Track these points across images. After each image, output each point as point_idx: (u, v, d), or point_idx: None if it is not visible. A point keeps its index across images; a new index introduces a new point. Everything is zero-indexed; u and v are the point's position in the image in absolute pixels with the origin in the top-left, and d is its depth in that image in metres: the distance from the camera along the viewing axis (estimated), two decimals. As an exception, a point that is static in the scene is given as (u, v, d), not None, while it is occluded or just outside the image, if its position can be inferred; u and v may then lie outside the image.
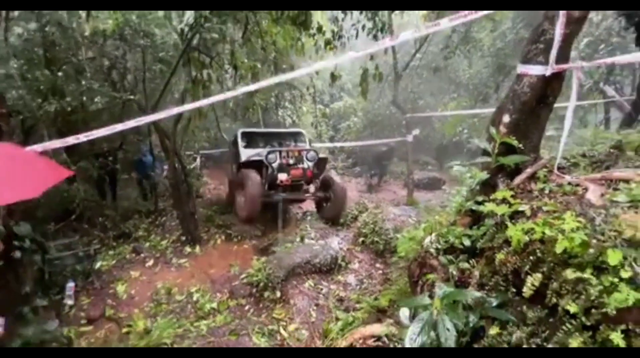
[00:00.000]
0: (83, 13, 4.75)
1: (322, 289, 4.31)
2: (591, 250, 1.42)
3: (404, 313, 2.40)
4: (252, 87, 2.52)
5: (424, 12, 7.57)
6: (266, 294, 4.28)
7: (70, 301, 4.35)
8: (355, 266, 4.84)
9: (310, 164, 6.53)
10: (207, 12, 4.61)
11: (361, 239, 5.32)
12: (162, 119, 4.61)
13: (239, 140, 7.16)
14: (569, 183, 1.90)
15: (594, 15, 7.08)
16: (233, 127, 12.29)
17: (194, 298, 4.60)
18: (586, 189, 1.85)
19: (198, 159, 10.55)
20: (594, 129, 3.80)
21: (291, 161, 6.36)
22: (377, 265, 4.67)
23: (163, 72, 7.00)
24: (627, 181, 1.81)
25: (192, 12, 4.79)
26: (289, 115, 10.65)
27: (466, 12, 1.81)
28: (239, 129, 7.31)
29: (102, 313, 4.37)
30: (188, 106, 2.78)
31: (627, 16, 3.92)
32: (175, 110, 2.75)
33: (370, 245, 5.10)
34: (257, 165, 6.27)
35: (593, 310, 1.36)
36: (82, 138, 2.69)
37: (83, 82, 5.71)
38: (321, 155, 6.99)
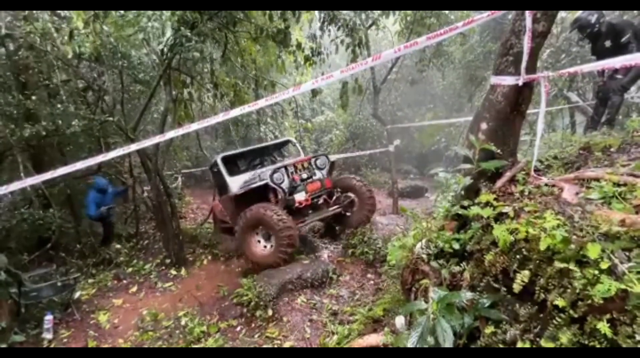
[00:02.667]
0: (65, 36, 4.67)
1: (315, 304, 4.26)
2: (572, 246, 1.51)
3: (400, 320, 2.42)
4: (247, 108, 2.50)
5: (399, 28, 7.92)
6: (258, 313, 4.19)
7: (49, 335, 4.10)
8: (347, 278, 4.83)
9: (324, 171, 5.68)
10: (187, 32, 4.65)
11: (350, 250, 5.34)
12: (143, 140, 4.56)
13: (222, 169, 5.94)
14: (546, 184, 2.02)
15: (554, 28, 7.63)
16: (215, 144, 12.23)
17: (183, 323, 4.44)
18: (562, 189, 1.97)
19: (179, 179, 10.37)
20: (562, 133, 4.05)
21: (304, 175, 5.39)
22: (369, 275, 4.69)
23: (142, 92, 6.93)
24: (597, 179, 1.94)
25: (171, 32, 4.82)
26: (271, 131, 10.71)
27: (442, 30, 1.94)
28: (217, 155, 6.22)
29: (84, 345, 4.14)
30: (180, 131, 2.74)
31: (579, 28, 4.22)
32: (169, 135, 2.73)
33: (360, 256, 5.12)
34: (261, 193, 5.21)
35: (579, 303, 1.44)
36: (61, 171, 2.62)
37: (58, 106, 5.57)
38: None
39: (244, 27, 5.49)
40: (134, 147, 2.72)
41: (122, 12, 4.43)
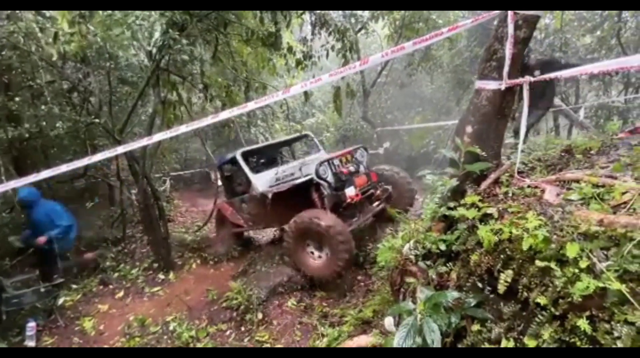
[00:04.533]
0: (50, 37, 4.57)
1: (305, 306, 4.26)
2: (553, 245, 1.55)
3: (389, 321, 2.45)
4: (236, 111, 2.47)
5: (388, 32, 8.02)
6: (247, 317, 4.16)
7: (31, 343, 3.99)
8: (337, 280, 4.84)
9: (363, 165, 5.19)
10: (176, 34, 4.62)
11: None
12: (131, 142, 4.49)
13: (243, 165, 5.37)
14: (529, 186, 2.07)
15: (539, 34, 7.86)
16: (205, 148, 12.11)
17: (171, 328, 4.37)
18: (543, 190, 2.03)
19: (168, 182, 10.24)
20: (546, 136, 4.16)
21: (351, 168, 4.86)
22: (359, 277, 4.70)
23: (130, 94, 6.84)
24: (577, 181, 2.01)
25: (160, 33, 4.78)
26: (262, 133, 10.68)
27: (428, 35, 1.99)
28: (237, 150, 5.58)
29: (68, 352, 4.03)
30: (168, 133, 2.71)
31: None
32: (156, 137, 2.70)
33: (350, 258, 5.13)
34: (302, 190, 4.64)
35: (560, 300, 1.49)
36: (45, 174, 2.56)
37: (42, 107, 5.45)
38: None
39: (234, 29, 5.48)
40: (120, 149, 2.68)
41: (109, 11, 4.36)
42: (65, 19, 3.53)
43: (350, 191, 4.54)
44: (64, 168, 2.51)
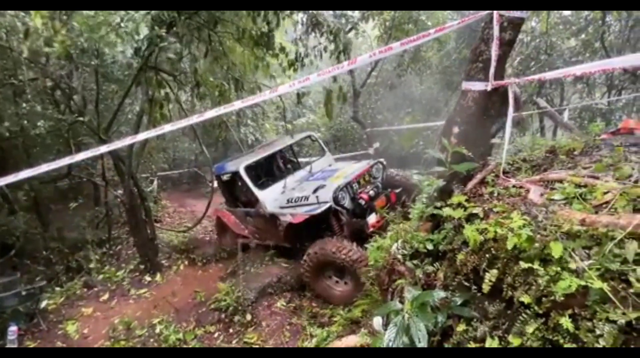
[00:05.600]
0: (33, 33, 4.42)
1: (294, 307, 4.24)
2: (536, 244, 1.57)
3: (378, 321, 2.44)
4: (222, 109, 2.41)
5: (378, 33, 8.06)
6: (236, 318, 4.12)
7: (13, 347, 3.86)
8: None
9: (379, 181, 4.82)
10: (162, 31, 4.53)
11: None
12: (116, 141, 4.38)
13: (248, 182, 4.92)
14: (514, 186, 2.10)
15: (524, 37, 8.01)
16: (193, 146, 11.96)
17: (157, 331, 4.31)
18: (528, 190, 2.06)
19: (155, 182, 10.07)
20: (531, 137, 4.24)
21: (371, 192, 4.45)
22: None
23: (116, 92, 6.69)
24: (561, 181, 2.05)
25: (147, 30, 4.68)
26: (252, 132, 10.61)
27: (415, 36, 2.00)
28: (237, 165, 5.07)
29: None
30: (153, 132, 2.63)
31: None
32: (140, 136, 2.63)
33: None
34: (322, 218, 4.25)
35: (543, 299, 1.50)
36: (24, 174, 2.47)
37: (24, 105, 5.29)
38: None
39: (226, 27, 5.42)
40: (103, 149, 2.61)
41: (92, 12, 4.25)
42: (39, 16, 3.41)
43: (372, 219, 4.24)
44: (44, 167, 2.43)
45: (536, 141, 3.77)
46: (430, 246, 2.09)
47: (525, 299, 1.52)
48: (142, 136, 2.75)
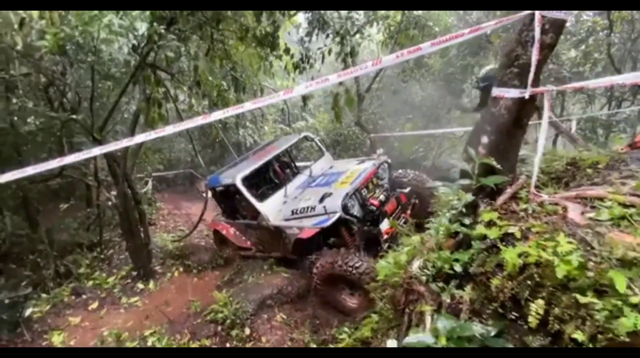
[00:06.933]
0: (15, 25, 4.20)
1: (296, 321, 4.02)
2: (590, 273, 1.39)
3: (392, 344, 2.24)
4: (231, 111, 2.20)
5: (382, 38, 7.93)
6: (234, 332, 3.89)
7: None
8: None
9: (385, 182, 4.57)
10: (162, 29, 4.33)
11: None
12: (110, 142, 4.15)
13: (247, 195, 4.63)
14: (549, 203, 1.92)
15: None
16: (189, 147, 11.68)
17: (149, 343, 4.05)
18: (565, 208, 1.88)
19: (150, 183, 9.78)
20: (548, 148, 4.09)
21: (381, 197, 4.22)
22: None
23: (112, 89, 6.45)
24: (601, 198, 1.87)
25: (146, 27, 4.47)
26: (250, 134, 10.40)
27: (446, 37, 1.83)
28: (235, 177, 4.73)
29: (32, 372, 3.64)
30: (153, 134, 2.40)
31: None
32: (138, 139, 2.42)
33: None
34: (331, 229, 3.97)
35: (599, 336, 1.32)
36: (9, 176, 2.24)
37: (14, 101, 5.03)
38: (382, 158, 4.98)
39: (229, 25, 5.23)
40: (95, 151, 2.39)
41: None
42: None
43: (384, 226, 4.00)
44: (29, 170, 2.21)
45: (552, 153, 3.63)
46: (458, 268, 1.90)
47: (579, 336, 1.34)
48: (139, 138, 2.54)
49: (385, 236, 3.97)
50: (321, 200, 4.15)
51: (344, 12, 5.98)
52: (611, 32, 7.01)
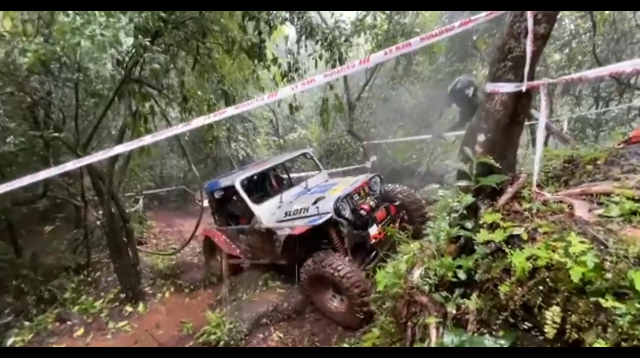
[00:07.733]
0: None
1: (293, 339, 3.81)
2: (608, 274, 1.27)
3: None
4: (212, 117, 2.11)
5: (370, 47, 7.98)
6: (228, 354, 3.66)
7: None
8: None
9: (377, 195, 4.68)
10: (146, 41, 4.24)
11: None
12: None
13: (243, 196, 4.69)
14: (554, 201, 1.82)
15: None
16: (182, 163, 11.52)
17: (138, 371, 3.79)
18: (571, 205, 1.78)
19: (141, 201, 9.55)
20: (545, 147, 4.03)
21: (372, 203, 4.33)
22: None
23: (96, 106, 6.31)
24: (607, 194, 1.77)
25: (131, 41, 4.38)
26: (242, 148, 10.29)
27: (437, 30, 1.76)
28: (234, 179, 4.80)
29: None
30: (130, 145, 2.28)
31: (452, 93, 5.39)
32: (116, 149, 2.28)
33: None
34: (321, 231, 4.03)
35: (623, 344, 1.19)
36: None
37: (-7, 120, 4.86)
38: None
39: (215, 38, 5.17)
40: (69, 166, 2.25)
41: (68, 18, 3.93)
42: (9, 17, 3.08)
43: (373, 231, 4.10)
44: (1, 188, 2.05)
45: (548, 151, 3.57)
46: (462, 275, 1.76)
47: (601, 344, 1.21)
48: (119, 148, 2.40)
49: (373, 241, 4.05)
50: (315, 203, 4.24)
51: (331, 22, 5.99)
52: (595, 34, 7.13)
